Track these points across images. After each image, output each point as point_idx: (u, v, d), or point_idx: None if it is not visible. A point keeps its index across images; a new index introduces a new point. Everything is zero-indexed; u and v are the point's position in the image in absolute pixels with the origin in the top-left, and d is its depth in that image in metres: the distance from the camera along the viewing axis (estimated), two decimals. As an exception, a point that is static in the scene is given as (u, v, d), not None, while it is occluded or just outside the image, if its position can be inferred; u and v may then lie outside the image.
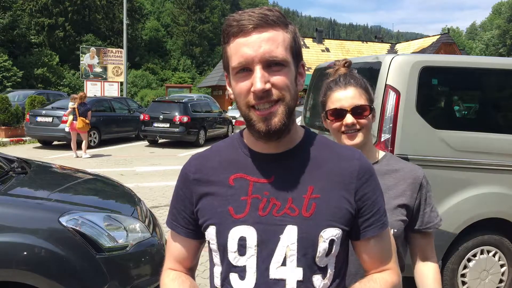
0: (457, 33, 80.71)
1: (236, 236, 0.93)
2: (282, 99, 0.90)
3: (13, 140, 13.45)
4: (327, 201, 0.93)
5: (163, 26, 57.85)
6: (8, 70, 31.62)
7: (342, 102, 1.38)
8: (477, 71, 3.33)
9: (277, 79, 0.89)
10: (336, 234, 0.93)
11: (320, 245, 0.91)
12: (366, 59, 3.58)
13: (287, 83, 0.90)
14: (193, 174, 1.03)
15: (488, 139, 3.18)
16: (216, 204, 0.97)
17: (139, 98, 35.38)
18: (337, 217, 0.93)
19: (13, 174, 2.95)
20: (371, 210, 0.97)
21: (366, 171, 0.97)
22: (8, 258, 2.18)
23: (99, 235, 2.43)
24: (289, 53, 0.91)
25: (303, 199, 0.93)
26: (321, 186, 0.94)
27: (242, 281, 0.94)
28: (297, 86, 0.95)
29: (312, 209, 0.92)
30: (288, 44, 0.91)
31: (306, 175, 0.95)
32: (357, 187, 0.95)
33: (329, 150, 0.99)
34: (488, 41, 66.05)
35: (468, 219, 3.16)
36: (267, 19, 0.88)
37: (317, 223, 0.92)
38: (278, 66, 0.89)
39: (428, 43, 27.80)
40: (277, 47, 0.88)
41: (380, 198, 0.99)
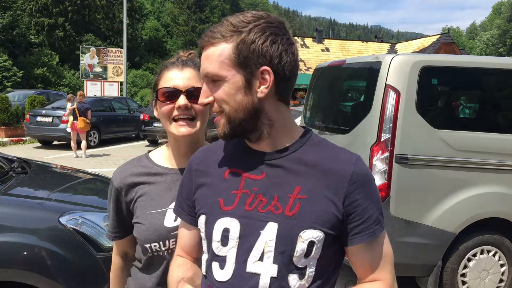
0: (457, 33, 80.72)
1: (221, 226, 0.97)
2: (222, 111, 0.95)
3: (13, 140, 13.45)
4: (312, 203, 0.93)
5: (163, 26, 57.85)
6: (8, 70, 31.61)
7: (176, 81, 1.21)
8: (477, 71, 3.34)
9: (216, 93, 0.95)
10: (317, 236, 0.92)
11: (298, 245, 0.92)
12: (366, 59, 3.58)
13: (222, 97, 0.94)
14: (196, 165, 1.08)
15: (488, 139, 3.18)
16: (209, 194, 1.02)
17: (139, 98, 35.37)
18: (320, 220, 0.92)
19: (13, 174, 2.95)
20: (361, 217, 0.94)
21: (360, 177, 0.94)
22: (8, 258, 2.18)
23: (99, 235, 2.43)
24: (226, 66, 0.92)
25: (289, 198, 0.94)
26: (309, 187, 0.94)
27: (221, 270, 0.97)
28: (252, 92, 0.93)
29: (295, 209, 0.93)
30: (226, 57, 0.92)
31: (295, 175, 0.96)
32: (348, 193, 0.93)
33: (325, 152, 0.98)
34: (488, 41, 66.04)
35: (468, 219, 3.16)
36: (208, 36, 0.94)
37: (298, 223, 0.92)
38: (217, 80, 0.94)
39: (428, 43, 27.80)
40: (211, 63, 0.93)
41: (372, 206, 0.96)
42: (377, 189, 0.99)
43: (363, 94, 3.60)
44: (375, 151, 3.06)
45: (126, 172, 1.28)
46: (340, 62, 4.06)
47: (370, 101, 3.21)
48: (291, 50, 0.94)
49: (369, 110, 3.19)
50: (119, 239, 1.35)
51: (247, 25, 0.91)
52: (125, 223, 1.30)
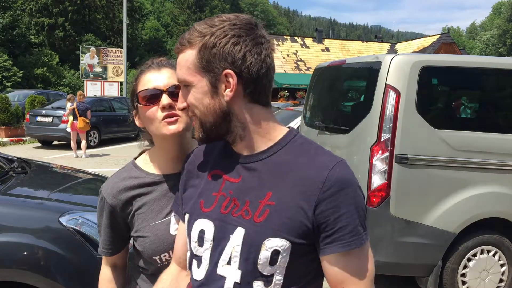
0: (457, 32, 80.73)
1: (198, 227, 0.99)
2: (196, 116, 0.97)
3: (13, 140, 13.45)
4: (280, 210, 0.89)
5: (163, 26, 57.85)
6: (8, 70, 31.62)
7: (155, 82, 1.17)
8: (477, 71, 3.34)
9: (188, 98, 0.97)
10: (282, 245, 0.89)
11: (262, 253, 0.90)
12: (366, 59, 3.58)
13: (192, 102, 0.96)
14: (186, 165, 1.11)
15: (488, 139, 3.18)
16: (193, 195, 1.04)
17: (139, 98, 35.33)
18: (286, 228, 0.89)
19: (13, 174, 2.95)
20: (333, 227, 0.88)
21: (334, 183, 0.88)
22: (8, 258, 2.18)
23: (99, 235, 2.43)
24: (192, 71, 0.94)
25: (259, 204, 0.92)
26: (280, 193, 0.91)
27: (198, 270, 0.99)
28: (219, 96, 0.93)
29: (263, 215, 0.91)
30: (191, 63, 0.94)
31: (269, 179, 0.93)
32: (319, 200, 0.88)
33: (305, 156, 0.93)
34: (488, 40, 66.06)
35: (468, 219, 3.16)
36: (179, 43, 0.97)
37: (264, 230, 0.90)
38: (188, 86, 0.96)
39: (428, 43, 27.80)
40: (180, 69, 0.97)
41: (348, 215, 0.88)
42: (358, 197, 0.91)
43: (363, 94, 3.60)
44: (375, 151, 3.06)
45: (118, 188, 1.23)
46: (340, 62, 4.06)
47: (370, 101, 3.21)
48: (256, 50, 0.91)
49: (369, 110, 3.19)
50: (113, 255, 1.31)
51: (211, 29, 0.91)
52: (119, 238, 1.27)
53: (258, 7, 78.01)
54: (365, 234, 0.91)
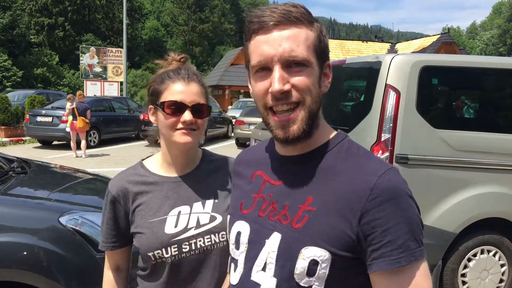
0: (457, 32, 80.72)
1: (236, 229, 0.97)
2: (302, 102, 0.84)
3: (13, 140, 13.45)
4: (321, 217, 0.83)
5: (163, 25, 57.84)
6: (8, 70, 31.62)
7: (183, 95, 1.21)
8: (477, 71, 3.34)
9: (297, 80, 0.83)
10: (321, 256, 0.81)
11: (299, 262, 0.83)
12: (366, 59, 3.58)
13: (308, 85, 0.84)
14: (234, 166, 1.13)
15: (488, 139, 3.18)
16: (236, 196, 1.04)
17: (139, 98, 35.35)
18: (327, 238, 0.81)
19: (13, 174, 2.95)
20: (380, 241, 0.79)
21: (382, 192, 0.79)
22: (8, 258, 2.18)
23: (99, 235, 2.42)
24: (312, 53, 0.85)
25: (298, 209, 0.86)
26: (322, 199, 0.84)
27: (234, 273, 0.97)
28: (321, 88, 0.88)
29: (302, 221, 0.84)
30: (311, 43, 0.85)
31: (310, 183, 0.87)
32: (365, 210, 0.80)
33: (352, 160, 0.86)
34: (488, 40, 66.07)
35: (468, 219, 3.16)
36: (289, 16, 0.83)
37: (301, 237, 0.83)
38: (299, 66, 0.83)
39: (428, 43, 27.80)
40: (298, 45, 0.83)
41: (398, 228, 0.79)
42: (410, 208, 0.81)
43: (363, 94, 3.60)
44: (375, 151, 3.06)
45: (122, 180, 1.29)
46: (340, 62, 4.06)
47: (370, 101, 3.21)
48: None
49: (369, 110, 3.19)
50: (115, 249, 1.34)
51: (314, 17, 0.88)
52: (122, 233, 1.31)
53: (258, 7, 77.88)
54: (419, 250, 0.82)
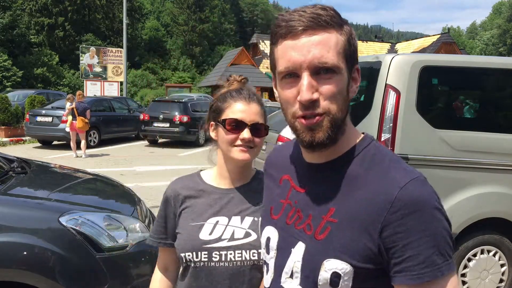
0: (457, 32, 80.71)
1: (266, 234, 0.98)
2: (327, 113, 0.81)
3: (13, 140, 13.45)
4: (343, 229, 0.81)
5: (163, 25, 57.84)
6: (8, 70, 31.63)
7: (244, 114, 1.30)
8: (477, 71, 3.33)
9: (325, 89, 0.80)
10: (342, 268, 0.80)
11: (321, 274, 0.82)
12: (366, 59, 3.58)
13: (335, 93, 0.81)
14: (265, 166, 1.12)
15: (488, 139, 3.18)
16: (267, 199, 1.05)
17: (139, 98, 35.35)
18: (348, 250, 0.80)
19: (13, 174, 2.95)
20: (402, 255, 0.76)
21: (404, 205, 0.76)
22: (8, 258, 2.18)
23: (99, 235, 2.43)
24: (342, 58, 0.81)
25: (321, 219, 0.84)
26: (344, 210, 0.82)
27: (266, 276, 0.99)
28: (349, 94, 0.85)
29: (324, 233, 0.83)
30: (342, 48, 0.81)
31: (334, 193, 0.84)
32: (386, 222, 0.77)
33: (377, 169, 0.83)
34: (488, 40, 66.07)
35: (468, 219, 3.16)
36: (319, 20, 0.79)
37: (323, 249, 0.83)
38: (329, 73, 0.80)
39: (428, 43, 27.80)
40: (328, 51, 0.79)
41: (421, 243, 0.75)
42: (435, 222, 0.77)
43: (363, 94, 3.59)
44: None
45: (177, 184, 1.42)
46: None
47: (370, 101, 3.21)
48: None
49: (369, 110, 3.19)
50: (161, 246, 1.43)
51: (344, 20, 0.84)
52: (169, 231, 1.40)
53: (258, 7, 77.93)
54: (446, 265, 0.76)
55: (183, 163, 10.29)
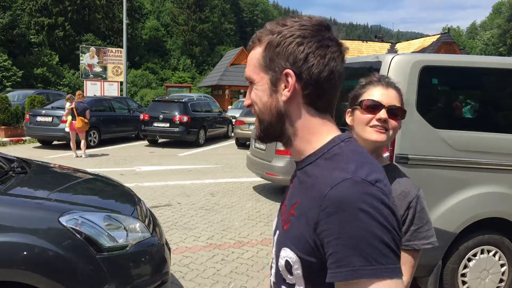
0: (458, 32, 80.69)
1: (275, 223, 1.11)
2: (257, 115, 0.97)
3: (13, 140, 13.44)
4: (298, 222, 0.87)
5: (163, 25, 57.83)
6: (7, 70, 31.62)
7: (381, 97, 1.41)
8: (477, 71, 3.33)
9: (251, 96, 0.96)
10: (291, 257, 0.87)
11: (280, 261, 0.92)
12: (366, 59, 3.58)
13: (254, 99, 0.95)
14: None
15: (488, 139, 3.18)
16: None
17: (139, 98, 35.35)
18: (297, 242, 0.86)
19: (12, 174, 2.95)
20: (326, 252, 0.79)
21: (331, 203, 0.79)
22: (8, 258, 2.18)
23: (99, 235, 2.43)
24: (257, 69, 0.93)
25: (289, 212, 0.92)
26: (302, 205, 0.87)
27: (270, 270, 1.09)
28: (277, 95, 0.91)
29: (288, 224, 0.91)
30: (257, 60, 0.93)
31: (300, 189, 0.91)
32: (318, 220, 0.80)
33: (327, 168, 0.86)
34: (488, 40, 66.06)
35: (469, 219, 3.16)
36: (250, 44, 0.96)
37: (284, 239, 0.91)
38: (251, 84, 0.96)
39: (429, 43, 27.79)
40: (248, 67, 0.96)
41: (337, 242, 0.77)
42: (357, 223, 0.76)
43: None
44: (375, 151, 3.06)
45: None
46: (340, 62, 4.06)
47: (370, 101, 3.21)
48: (320, 53, 0.87)
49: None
50: None
51: (280, 28, 0.90)
52: None
53: (258, 7, 77.91)
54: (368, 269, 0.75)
55: (183, 163, 10.29)
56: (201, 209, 6.31)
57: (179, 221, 5.68)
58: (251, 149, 7.59)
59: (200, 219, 5.79)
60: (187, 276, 3.92)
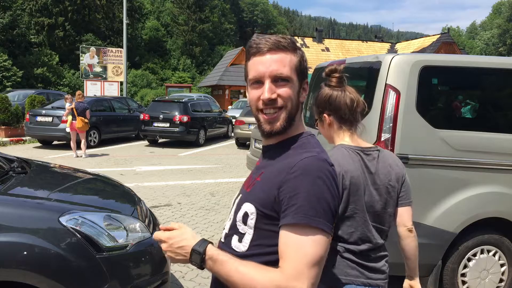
0: (457, 32, 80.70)
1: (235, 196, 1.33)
2: (285, 107, 1.15)
3: (13, 140, 13.44)
4: (261, 185, 1.14)
5: (163, 25, 57.80)
6: (8, 70, 31.61)
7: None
8: (477, 71, 3.33)
9: (282, 91, 1.14)
10: (250, 209, 1.13)
11: (239, 213, 1.17)
12: (366, 59, 3.58)
13: (290, 94, 1.15)
14: None
15: (488, 139, 3.18)
16: None
17: (139, 98, 35.36)
18: (258, 198, 1.12)
19: (13, 174, 2.95)
20: (287, 204, 1.04)
21: (299, 168, 1.06)
22: (8, 258, 2.18)
23: (99, 235, 2.43)
24: (293, 72, 1.16)
25: (254, 179, 1.20)
26: (267, 173, 1.15)
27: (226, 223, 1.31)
28: (300, 98, 1.19)
29: (251, 187, 1.19)
30: (294, 65, 1.16)
31: (268, 163, 1.19)
32: (284, 180, 1.07)
33: (298, 150, 1.15)
34: (488, 40, 66.05)
35: (468, 219, 3.16)
36: (279, 44, 1.14)
37: (246, 197, 1.17)
38: (284, 81, 1.14)
39: (428, 43, 27.80)
40: (284, 66, 1.14)
41: (300, 196, 1.03)
42: (315, 186, 1.04)
43: (363, 94, 3.59)
44: (375, 151, 3.06)
45: None
46: (340, 62, 4.06)
47: (370, 101, 3.21)
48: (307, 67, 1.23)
49: (369, 110, 3.19)
50: None
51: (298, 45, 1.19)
52: None
53: (258, 7, 77.88)
54: (316, 220, 1.02)
55: (183, 163, 10.29)
56: (201, 209, 6.31)
57: (179, 221, 5.68)
58: (251, 149, 7.59)
59: (200, 219, 5.80)
60: (187, 276, 3.93)
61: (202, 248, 1.07)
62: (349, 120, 1.75)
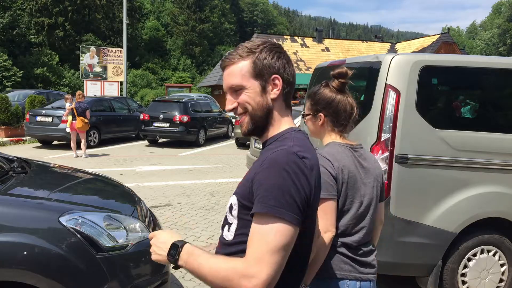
0: (457, 32, 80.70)
1: None
2: (246, 111, 1.24)
3: (13, 140, 13.45)
4: (245, 180, 1.21)
5: (163, 25, 57.81)
6: (8, 70, 31.59)
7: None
8: (477, 71, 3.33)
9: (239, 99, 1.24)
10: (234, 201, 1.21)
11: (228, 204, 1.26)
12: (366, 59, 3.58)
13: (245, 100, 1.23)
14: None
15: (488, 139, 3.18)
16: None
17: (139, 98, 35.35)
18: (240, 191, 1.20)
19: (13, 174, 2.95)
20: (255, 194, 1.11)
21: (267, 162, 1.13)
22: (8, 258, 2.18)
23: (99, 235, 2.43)
24: (247, 77, 1.22)
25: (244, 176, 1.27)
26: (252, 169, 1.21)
27: None
28: (267, 96, 1.24)
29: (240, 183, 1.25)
30: (246, 71, 1.22)
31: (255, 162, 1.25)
32: (257, 172, 1.14)
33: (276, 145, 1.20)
34: (488, 40, 66.04)
35: (468, 219, 3.16)
36: (227, 59, 1.25)
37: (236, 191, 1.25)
38: (239, 89, 1.23)
39: (428, 43, 27.81)
40: (235, 77, 1.23)
41: (264, 187, 1.09)
42: (279, 178, 1.08)
43: (363, 94, 3.59)
44: (375, 151, 3.06)
45: None
46: (340, 62, 4.06)
47: (370, 101, 3.21)
48: (291, 64, 1.27)
49: (369, 110, 3.19)
50: None
51: (258, 47, 1.23)
52: None
53: (258, 7, 77.87)
54: (276, 209, 1.06)
55: (183, 163, 10.29)
56: (201, 209, 6.31)
57: (179, 221, 5.68)
58: (251, 149, 7.59)
59: (200, 219, 5.80)
60: (187, 276, 3.93)
61: (181, 243, 1.17)
62: (343, 125, 1.85)
